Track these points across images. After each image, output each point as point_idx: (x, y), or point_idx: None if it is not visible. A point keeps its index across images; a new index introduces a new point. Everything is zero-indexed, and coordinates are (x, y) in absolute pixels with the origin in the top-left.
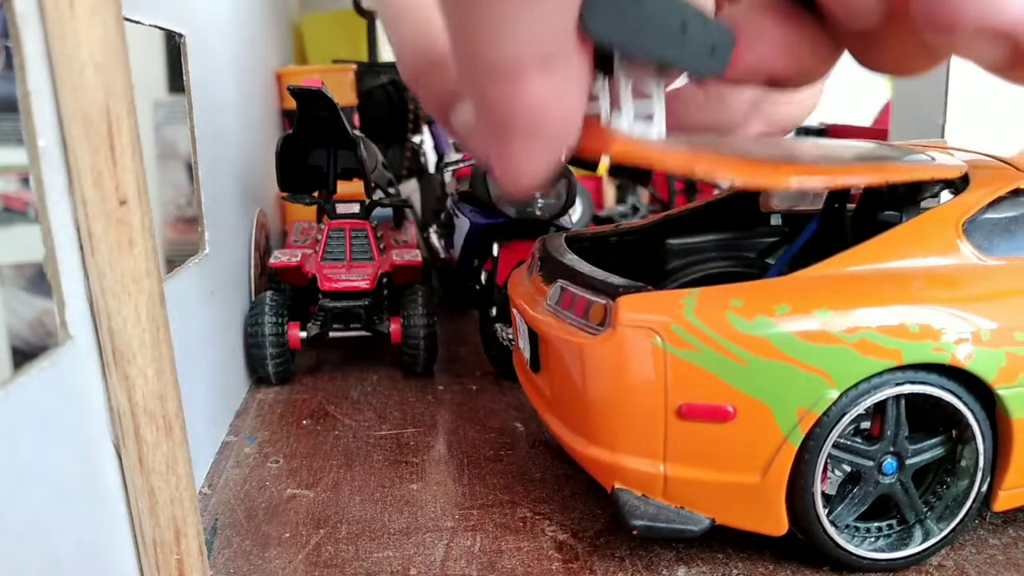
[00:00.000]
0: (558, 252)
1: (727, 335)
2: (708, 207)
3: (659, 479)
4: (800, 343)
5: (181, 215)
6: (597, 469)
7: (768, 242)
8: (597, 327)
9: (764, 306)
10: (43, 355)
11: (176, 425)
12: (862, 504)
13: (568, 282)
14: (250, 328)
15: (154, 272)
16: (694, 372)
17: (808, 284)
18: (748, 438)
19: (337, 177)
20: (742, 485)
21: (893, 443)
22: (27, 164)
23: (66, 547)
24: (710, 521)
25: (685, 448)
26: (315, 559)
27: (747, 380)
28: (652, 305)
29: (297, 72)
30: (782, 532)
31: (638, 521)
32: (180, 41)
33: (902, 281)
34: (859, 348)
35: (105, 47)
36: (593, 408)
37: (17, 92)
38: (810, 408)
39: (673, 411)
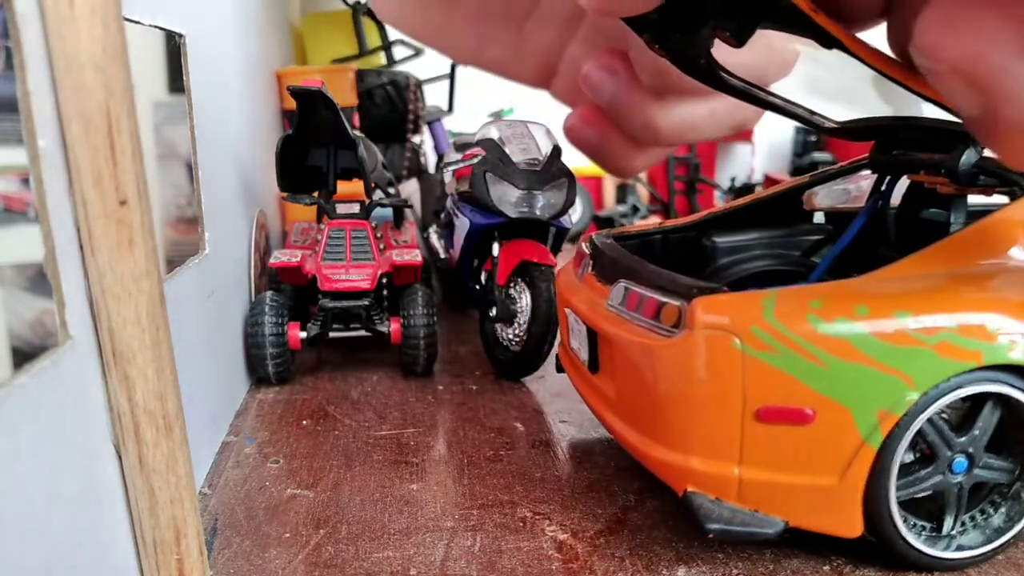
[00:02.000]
0: (614, 251)
1: (807, 336)
2: (752, 206)
3: (734, 482)
4: (880, 344)
5: (181, 215)
6: (667, 472)
7: (812, 240)
8: (671, 329)
9: (844, 307)
10: (43, 355)
11: (176, 425)
12: (919, 487)
13: (632, 282)
14: (250, 328)
15: (154, 272)
16: (773, 374)
17: (886, 285)
18: (827, 440)
19: (337, 177)
20: (819, 487)
21: (973, 444)
22: (27, 164)
23: (66, 547)
24: (784, 524)
25: (762, 451)
26: (315, 559)
27: (827, 382)
28: (730, 307)
29: (297, 72)
30: (858, 534)
31: (714, 525)
32: (180, 41)
33: (980, 282)
34: (939, 349)
35: (105, 47)
36: (666, 411)
37: (17, 92)
38: (890, 410)
39: (751, 414)
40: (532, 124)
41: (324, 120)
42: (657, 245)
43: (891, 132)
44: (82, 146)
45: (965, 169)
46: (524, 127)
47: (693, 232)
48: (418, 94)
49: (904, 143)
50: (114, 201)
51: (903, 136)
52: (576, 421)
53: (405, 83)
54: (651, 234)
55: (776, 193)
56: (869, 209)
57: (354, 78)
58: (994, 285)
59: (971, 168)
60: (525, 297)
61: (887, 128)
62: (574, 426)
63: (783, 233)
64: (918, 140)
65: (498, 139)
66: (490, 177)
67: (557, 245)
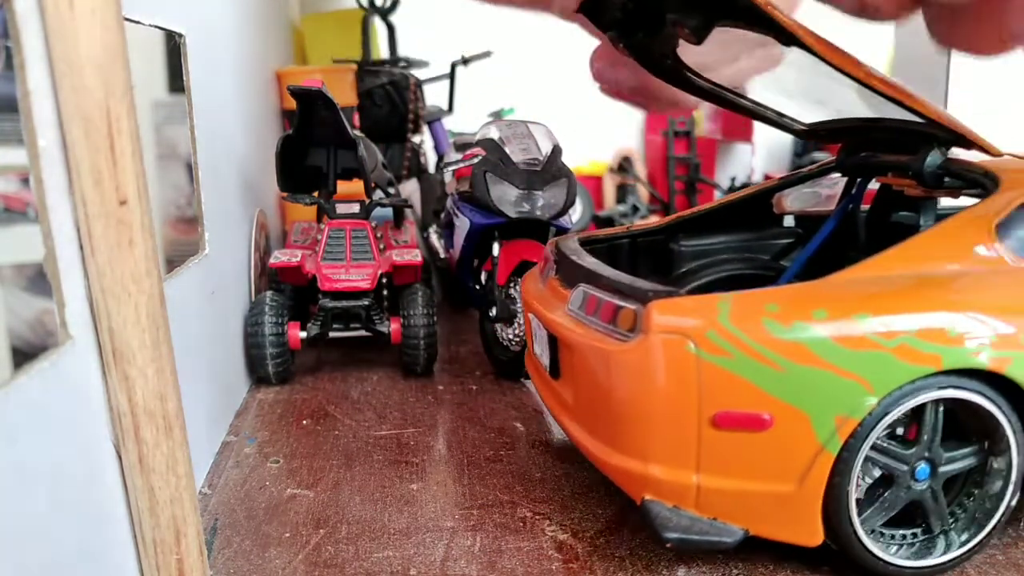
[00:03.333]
0: (576, 255)
1: (763, 341)
2: (721, 209)
3: (692, 489)
4: (838, 349)
5: (181, 215)
6: (625, 479)
7: (782, 244)
8: (627, 333)
9: (801, 311)
10: (43, 355)
11: (176, 425)
12: (891, 509)
13: (591, 287)
14: (250, 328)
15: (154, 272)
16: (729, 379)
17: (845, 288)
18: (785, 446)
19: (337, 177)
20: (778, 494)
21: (929, 448)
22: (27, 164)
23: (66, 547)
24: (744, 532)
25: (719, 457)
26: (315, 559)
27: (784, 387)
28: (685, 310)
29: (297, 72)
30: (818, 542)
31: (672, 534)
32: (180, 41)
33: (940, 285)
34: (898, 353)
35: (105, 47)
36: (622, 417)
37: (17, 92)
38: (848, 415)
39: (707, 420)
40: (532, 124)
41: (324, 120)
42: (624, 249)
43: (858, 133)
44: (82, 146)
45: (930, 171)
46: (524, 127)
47: (661, 236)
48: (418, 94)
49: (871, 144)
50: (114, 201)
51: (870, 137)
52: None
53: (405, 83)
54: (619, 238)
55: (746, 196)
56: (839, 212)
57: (354, 78)
58: (955, 287)
59: (936, 170)
60: None
61: (854, 129)
62: None
63: (752, 236)
64: (885, 141)
65: (498, 139)
66: (490, 177)
67: None
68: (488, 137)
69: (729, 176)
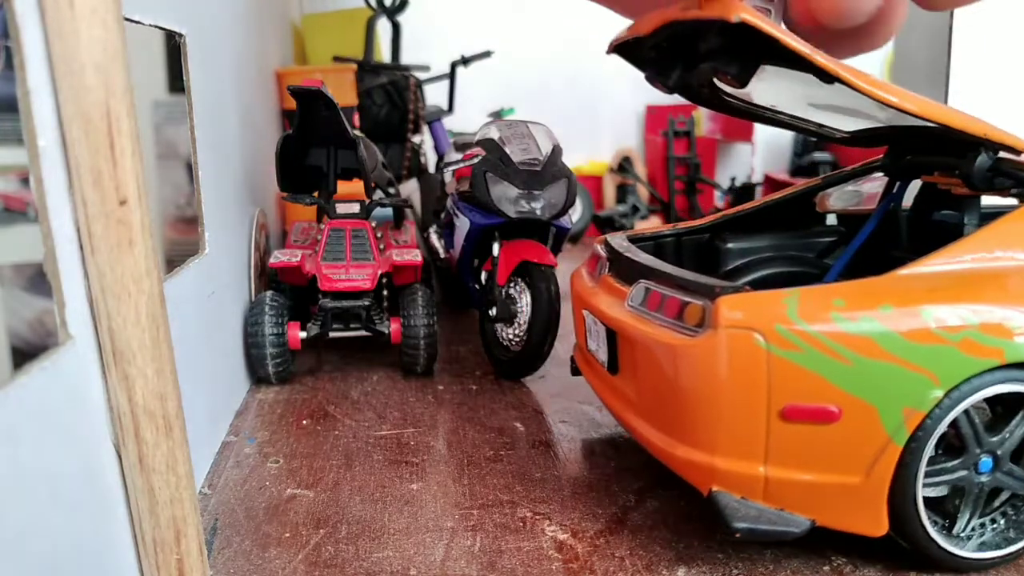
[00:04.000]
0: (631, 252)
1: (831, 335)
2: (764, 208)
3: (759, 481)
4: (905, 342)
5: (181, 215)
6: (692, 471)
7: (825, 243)
8: (694, 328)
9: (868, 305)
10: (43, 355)
11: (176, 425)
12: (943, 479)
13: (653, 283)
14: (250, 328)
15: (154, 272)
16: (798, 373)
17: (909, 283)
18: (852, 439)
19: (337, 177)
20: (844, 486)
21: (1001, 446)
22: (27, 164)
23: (66, 547)
24: (811, 523)
25: (787, 450)
26: (315, 559)
27: (852, 380)
28: (753, 306)
29: (297, 72)
30: (882, 533)
31: (740, 523)
32: (180, 41)
33: (1001, 279)
34: (962, 347)
35: (105, 47)
36: (691, 411)
37: (17, 92)
38: (915, 408)
39: (776, 413)
40: (532, 124)
41: (324, 120)
42: (670, 248)
43: (902, 137)
44: (82, 146)
45: (980, 174)
46: (524, 127)
47: (706, 235)
48: (418, 94)
49: (916, 149)
50: (114, 201)
51: (915, 141)
52: (576, 421)
53: (405, 83)
54: (663, 236)
55: (788, 195)
56: (880, 211)
57: (354, 78)
58: (1014, 282)
59: (986, 172)
60: (525, 297)
61: (898, 133)
62: (574, 426)
63: (796, 236)
64: (930, 144)
65: (498, 139)
66: (490, 177)
67: (557, 245)
68: (488, 137)
69: (729, 176)
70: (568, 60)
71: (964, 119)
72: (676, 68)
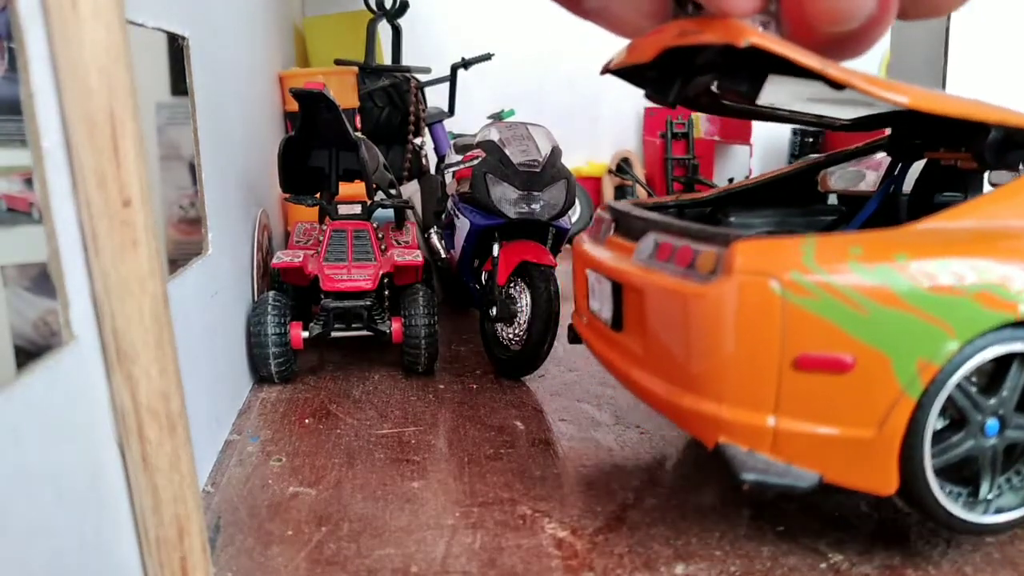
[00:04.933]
0: (638, 212)
1: (848, 283)
2: (767, 183)
3: (768, 433)
4: (922, 293)
5: (184, 216)
6: (698, 422)
7: (826, 221)
8: (707, 275)
9: (885, 254)
10: (47, 355)
11: (179, 424)
12: (952, 454)
13: (663, 234)
14: (253, 328)
15: (157, 273)
16: (813, 321)
17: (927, 235)
18: (865, 390)
19: (339, 178)
20: (857, 440)
21: (1004, 405)
22: (31, 165)
23: (70, 545)
24: (819, 477)
25: (798, 400)
26: (317, 556)
27: (867, 330)
28: (769, 252)
29: (299, 74)
30: (892, 491)
31: (749, 475)
32: (183, 44)
33: (1018, 237)
34: (980, 300)
35: (108, 50)
36: (701, 359)
37: (21, 94)
38: (930, 360)
39: (789, 362)
40: (532, 126)
41: (326, 122)
42: (672, 216)
43: (906, 121)
44: (86, 148)
45: (992, 149)
46: (524, 129)
47: (708, 208)
48: (419, 96)
49: (921, 131)
50: (118, 202)
51: (919, 124)
52: (576, 420)
53: (406, 85)
54: (666, 206)
55: (792, 171)
56: (882, 192)
57: (356, 80)
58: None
59: (998, 146)
60: (525, 297)
61: (902, 116)
62: (574, 425)
63: (797, 212)
64: (935, 127)
65: (498, 140)
66: (490, 178)
67: (557, 246)
68: (488, 139)
69: (727, 177)
70: (567, 62)
71: (981, 109)
72: (675, 83)
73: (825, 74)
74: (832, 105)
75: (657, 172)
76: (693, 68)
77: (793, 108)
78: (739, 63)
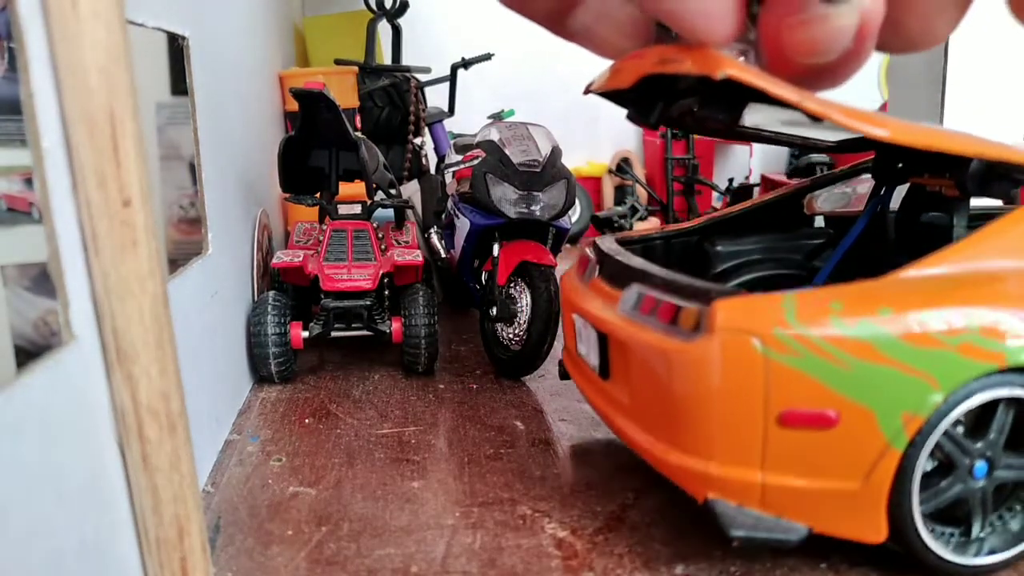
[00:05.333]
0: (621, 255)
1: (829, 339)
2: (753, 210)
3: (756, 488)
4: (904, 346)
5: (184, 216)
6: (687, 478)
7: (814, 245)
8: (690, 333)
9: (866, 309)
10: (47, 355)
11: (179, 424)
12: (943, 498)
13: (646, 287)
14: (253, 328)
15: (157, 272)
16: (796, 378)
17: (907, 286)
18: (851, 444)
19: (339, 178)
20: (843, 492)
21: (992, 447)
22: (31, 165)
23: (70, 545)
24: (808, 530)
25: (785, 456)
26: (317, 556)
27: (850, 385)
28: (750, 309)
29: (299, 74)
30: (882, 539)
31: (738, 531)
32: (183, 43)
33: (1001, 282)
34: (962, 351)
35: (108, 49)
36: (685, 416)
37: (21, 94)
38: (915, 412)
39: (774, 418)
40: (532, 126)
41: (326, 122)
42: (659, 250)
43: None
44: (86, 147)
45: (974, 179)
46: (524, 129)
47: (695, 237)
48: (419, 96)
49: (905, 155)
50: (118, 202)
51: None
52: (575, 420)
53: (406, 85)
54: (653, 239)
55: (777, 198)
56: (868, 214)
57: (356, 80)
58: (1014, 285)
59: (980, 177)
60: (525, 297)
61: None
62: (574, 425)
63: (784, 238)
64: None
65: (498, 140)
66: (490, 178)
67: (557, 246)
68: (488, 139)
69: (727, 177)
70: (568, 62)
71: (958, 141)
72: (656, 106)
73: (802, 107)
74: (814, 128)
75: (657, 172)
76: (675, 92)
77: (776, 130)
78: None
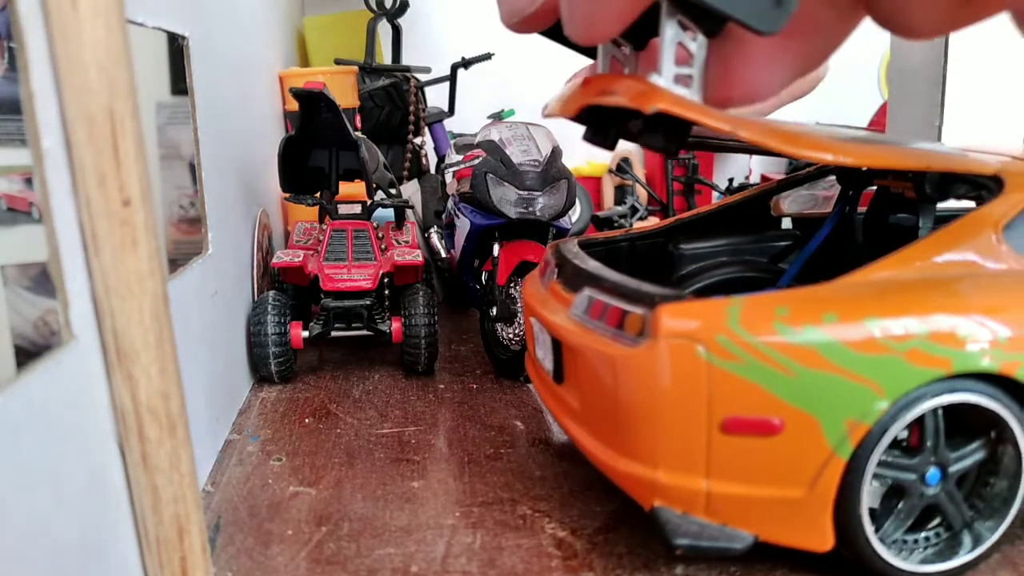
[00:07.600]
0: (578, 259)
1: (773, 345)
2: (719, 211)
3: (701, 495)
4: (849, 352)
5: (184, 215)
6: (634, 485)
7: (780, 246)
8: (635, 338)
9: (811, 314)
10: (47, 354)
11: (179, 423)
12: (908, 518)
13: (596, 291)
14: (253, 327)
15: (157, 272)
16: (739, 384)
17: (854, 291)
18: (795, 451)
19: (339, 178)
20: (788, 500)
21: (935, 453)
22: (31, 165)
23: (70, 545)
24: (753, 538)
25: (729, 463)
26: (317, 556)
27: (794, 392)
28: (694, 315)
29: (299, 74)
30: (828, 548)
31: (682, 540)
32: (183, 43)
33: (948, 288)
34: (909, 357)
35: (108, 49)
36: (631, 423)
37: (21, 93)
38: (860, 419)
39: (717, 425)
40: (532, 126)
41: (326, 122)
42: (624, 253)
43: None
44: (86, 147)
45: (932, 183)
46: (524, 129)
47: (660, 239)
48: (419, 96)
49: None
50: (118, 201)
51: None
52: None
53: (406, 85)
54: (617, 241)
55: (743, 199)
56: (836, 215)
57: (356, 80)
58: (963, 290)
59: (937, 181)
60: None
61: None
62: None
63: (750, 239)
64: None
65: (498, 140)
66: (491, 178)
67: None
68: (488, 139)
69: (727, 177)
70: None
71: (909, 159)
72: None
73: (737, 137)
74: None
75: (657, 172)
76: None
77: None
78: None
